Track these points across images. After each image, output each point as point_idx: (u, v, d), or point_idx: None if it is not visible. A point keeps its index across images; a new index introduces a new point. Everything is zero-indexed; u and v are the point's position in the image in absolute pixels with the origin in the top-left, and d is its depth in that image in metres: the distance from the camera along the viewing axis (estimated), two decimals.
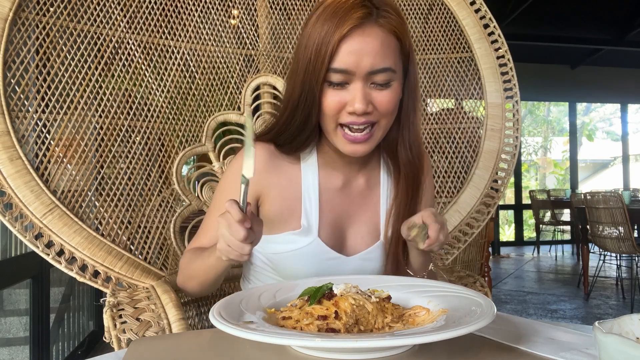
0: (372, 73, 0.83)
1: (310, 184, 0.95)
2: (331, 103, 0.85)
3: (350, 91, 0.84)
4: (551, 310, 4.29)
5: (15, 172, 0.95)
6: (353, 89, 0.84)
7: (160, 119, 1.17)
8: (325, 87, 0.85)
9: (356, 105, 0.83)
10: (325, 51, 0.82)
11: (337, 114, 0.86)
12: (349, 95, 0.84)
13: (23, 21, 1.01)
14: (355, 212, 0.99)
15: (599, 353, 0.45)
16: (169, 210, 1.14)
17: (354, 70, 0.82)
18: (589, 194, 4.64)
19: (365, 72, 0.83)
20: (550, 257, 7.47)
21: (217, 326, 0.58)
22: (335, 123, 0.87)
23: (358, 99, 0.83)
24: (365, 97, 0.83)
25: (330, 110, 0.85)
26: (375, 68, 0.83)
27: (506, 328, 0.69)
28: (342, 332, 0.62)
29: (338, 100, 0.84)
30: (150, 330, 0.87)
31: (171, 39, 1.21)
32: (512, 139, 1.41)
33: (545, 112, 12.36)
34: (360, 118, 0.84)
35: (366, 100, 0.83)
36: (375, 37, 0.83)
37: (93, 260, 0.98)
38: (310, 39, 0.85)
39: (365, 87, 0.84)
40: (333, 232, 0.96)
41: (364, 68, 0.82)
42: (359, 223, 0.99)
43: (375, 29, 0.84)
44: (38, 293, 2.47)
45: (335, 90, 0.85)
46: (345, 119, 0.85)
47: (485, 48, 1.43)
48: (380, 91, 0.85)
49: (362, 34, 0.82)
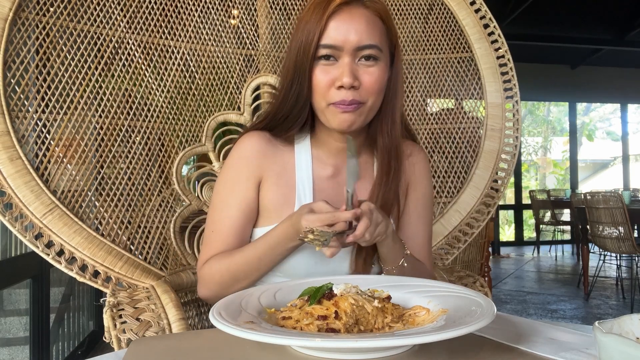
0: (359, 49, 0.88)
1: (304, 171, 0.97)
2: (321, 80, 0.89)
3: (338, 67, 0.88)
4: (551, 310, 4.29)
5: (15, 172, 0.95)
6: (341, 65, 0.88)
7: (160, 119, 1.17)
8: (316, 65, 0.89)
9: (344, 79, 0.87)
10: (314, 30, 0.88)
11: (327, 91, 0.89)
12: (337, 71, 0.88)
13: (23, 21, 1.01)
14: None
15: (599, 353, 0.45)
16: (169, 210, 1.14)
17: (341, 46, 0.87)
18: (589, 194, 4.64)
19: (353, 47, 0.87)
20: (550, 257, 7.47)
21: (217, 326, 0.58)
22: (325, 102, 0.90)
23: (346, 73, 0.87)
24: (352, 72, 0.87)
25: (320, 87, 0.89)
26: (362, 43, 0.88)
27: (506, 328, 0.69)
28: (342, 332, 0.62)
29: (327, 77, 0.89)
30: (150, 330, 0.87)
31: (171, 39, 1.21)
32: (512, 139, 1.41)
33: (545, 112, 12.36)
34: (349, 95, 0.88)
35: (353, 74, 0.87)
36: (361, 15, 0.89)
37: (93, 260, 0.98)
38: (303, 21, 0.91)
39: (352, 63, 0.88)
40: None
41: (351, 43, 0.87)
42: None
43: (362, 9, 0.90)
44: (38, 293, 2.47)
45: (324, 67, 0.89)
46: (334, 97, 0.89)
47: (485, 48, 1.43)
48: (367, 68, 0.89)
49: (349, 12, 0.88)
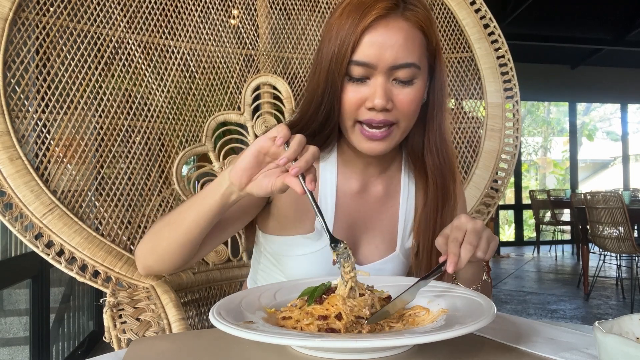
0: (394, 68, 0.80)
1: (328, 185, 0.91)
2: (351, 99, 0.81)
3: (371, 86, 0.81)
4: (551, 310, 4.29)
5: (15, 172, 0.95)
6: (373, 84, 0.80)
7: (160, 119, 1.17)
8: (346, 81, 0.82)
9: (376, 100, 0.79)
10: (347, 43, 0.79)
11: (356, 110, 0.82)
12: (369, 91, 0.81)
13: (23, 21, 1.01)
14: (371, 220, 0.94)
15: (599, 353, 0.45)
16: (169, 210, 1.14)
17: (375, 64, 0.79)
18: (589, 194, 4.64)
19: (387, 67, 0.79)
20: (550, 257, 7.47)
21: (217, 326, 0.58)
22: (353, 120, 0.83)
23: (378, 94, 0.79)
24: (386, 93, 0.80)
25: (350, 105, 0.82)
26: (397, 62, 0.79)
27: (506, 328, 0.69)
28: (342, 332, 0.62)
29: (358, 96, 0.81)
30: (150, 330, 0.87)
31: (171, 39, 1.21)
32: (512, 139, 1.41)
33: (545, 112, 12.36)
34: (379, 115, 0.80)
35: (386, 96, 0.80)
36: (400, 30, 0.80)
37: (93, 260, 0.98)
38: (334, 31, 0.82)
39: (386, 83, 0.80)
40: (346, 238, 0.91)
41: (386, 62, 0.79)
42: (374, 232, 0.94)
43: (401, 21, 0.80)
44: (38, 293, 2.47)
45: (355, 85, 0.81)
46: (363, 115, 0.82)
47: (485, 48, 1.43)
48: (402, 88, 0.81)
49: (386, 26, 0.79)
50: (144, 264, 0.89)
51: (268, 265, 0.99)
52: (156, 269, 0.89)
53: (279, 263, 0.95)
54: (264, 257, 1.00)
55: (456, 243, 0.72)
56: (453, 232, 0.74)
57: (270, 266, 0.98)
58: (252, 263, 1.07)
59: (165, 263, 0.85)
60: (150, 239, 0.86)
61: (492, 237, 0.75)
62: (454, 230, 0.74)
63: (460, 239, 0.72)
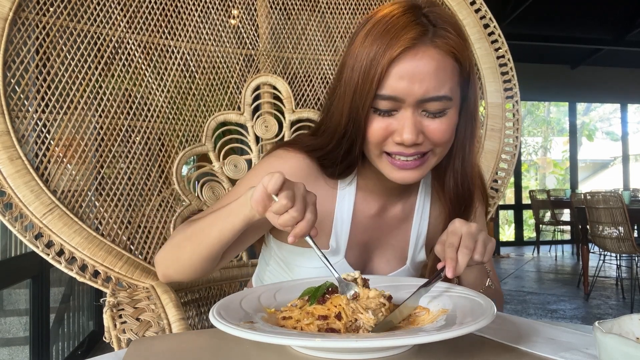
0: (424, 101, 0.74)
1: (345, 205, 0.88)
2: (377, 131, 0.76)
3: (399, 119, 0.75)
4: (551, 310, 4.29)
5: (15, 172, 0.95)
6: (402, 117, 0.75)
7: (160, 119, 1.17)
8: (371, 112, 0.76)
9: (405, 135, 0.74)
10: (373, 75, 0.73)
11: (383, 142, 0.77)
12: (397, 124, 0.75)
13: (23, 21, 1.01)
14: (385, 237, 0.94)
15: (599, 353, 0.45)
16: (169, 210, 1.14)
17: (404, 98, 0.74)
18: (589, 194, 4.65)
19: (417, 100, 0.74)
20: (550, 257, 7.47)
21: (217, 326, 0.58)
22: (380, 150, 0.78)
23: (407, 130, 0.74)
24: (416, 127, 0.74)
25: (375, 138, 0.77)
26: (428, 96, 0.74)
27: (506, 328, 0.69)
28: (342, 332, 0.62)
29: (385, 127, 0.76)
30: (150, 330, 0.87)
31: (171, 39, 1.21)
32: (512, 139, 1.41)
33: (545, 112, 12.37)
34: (410, 149, 0.76)
35: (416, 131, 0.74)
36: (430, 60, 0.73)
37: (93, 260, 0.98)
38: (358, 60, 0.76)
39: (415, 115, 0.75)
40: (360, 254, 0.92)
41: (415, 95, 0.73)
42: (386, 246, 0.94)
43: (431, 50, 0.74)
44: (38, 293, 2.47)
45: (382, 117, 0.76)
46: (391, 148, 0.77)
47: (485, 48, 1.43)
48: (433, 120, 0.76)
49: (414, 56, 0.73)
50: (164, 273, 0.89)
51: (277, 269, 0.98)
52: (176, 278, 0.90)
53: (290, 270, 0.95)
54: (273, 261, 0.99)
55: (453, 248, 0.71)
56: (449, 237, 0.73)
57: (280, 270, 0.98)
58: (260, 262, 1.07)
59: (185, 274, 0.86)
60: (172, 251, 0.86)
61: (489, 239, 0.74)
62: (450, 235, 0.73)
63: (456, 244, 0.71)
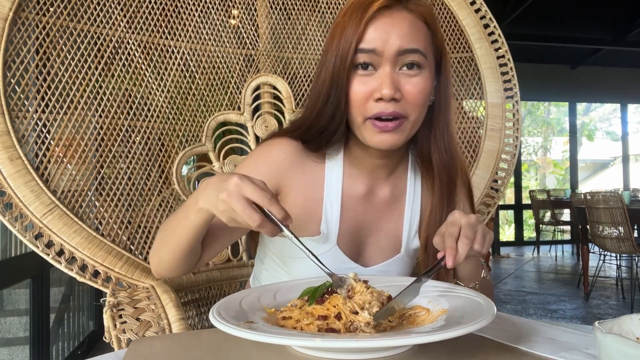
0: (400, 54, 0.80)
1: (334, 188, 0.90)
2: (359, 91, 0.81)
3: (378, 77, 0.81)
4: (551, 310, 4.29)
5: (15, 172, 0.95)
6: (381, 75, 0.81)
7: (160, 119, 1.17)
8: (353, 75, 0.82)
9: (384, 90, 0.79)
10: (352, 35, 0.80)
11: (365, 104, 0.82)
12: (376, 82, 0.81)
13: (23, 21, 1.01)
14: (376, 222, 0.94)
15: (599, 353, 0.45)
16: (169, 210, 1.14)
17: (380, 50, 0.80)
18: (589, 194, 4.64)
19: (393, 53, 0.80)
20: (550, 257, 7.47)
21: (217, 326, 0.58)
22: (363, 117, 0.82)
23: (386, 84, 0.79)
24: (394, 82, 0.80)
25: (358, 98, 0.82)
26: (403, 47, 0.80)
27: (506, 328, 0.69)
28: (342, 332, 0.62)
29: (365, 88, 0.81)
30: (150, 330, 0.87)
31: (171, 39, 1.21)
32: (512, 139, 1.41)
33: (545, 112, 12.36)
34: (389, 107, 0.80)
35: (394, 85, 0.80)
36: (404, 19, 0.81)
37: (93, 260, 0.98)
38: (338, 28, 0.83)
39: (393, 72, 0.81)
40: (352, 240, 0.92)
41: (391, 48, 0.80)
42: (379, 234, 0.94)
43: (404, 12, 0.82)
44: (38, 293, 2.47)
45: (363, 77, 0.81)
46: (373, 109, 0.81)
47: (485, 48, 1.43)
48: (410, 78, 0.81)
49: (390, 16, 0.81)
50: (156, 270, 0.91)
51: (272, 266, 0.98)
52: (168, 275, 0.91)
53: (284, 264, 0.95)
54: (268, 258, 0.99)
55: (452, 238, 0.72)
56: (448, 228, 0.74)
57: (275, 266, 0.98)
58: (256, 262, 1.07)
59: (173, 270, 0.87)
60: (156, 249, 0.88)
61: (487, 231, 0.76)
62: (449, 226, 0.74)
63: (456, 234, 0.73)
